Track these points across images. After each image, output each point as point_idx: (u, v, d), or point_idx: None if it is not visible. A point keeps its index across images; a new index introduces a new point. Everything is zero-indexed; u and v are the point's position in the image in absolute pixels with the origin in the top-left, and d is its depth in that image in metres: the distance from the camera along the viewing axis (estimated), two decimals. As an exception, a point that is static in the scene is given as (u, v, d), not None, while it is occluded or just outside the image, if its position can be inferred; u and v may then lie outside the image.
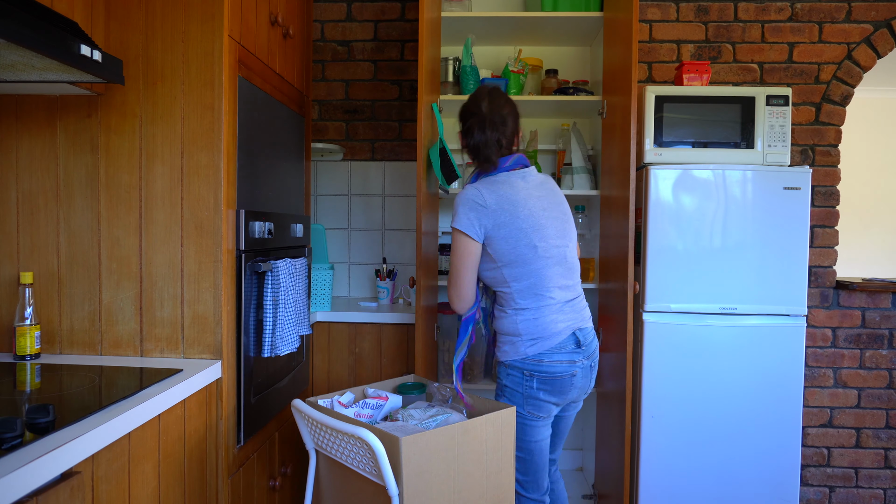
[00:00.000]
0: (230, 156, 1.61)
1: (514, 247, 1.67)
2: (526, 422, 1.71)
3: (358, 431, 1.33)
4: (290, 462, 2.15)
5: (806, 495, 2.77)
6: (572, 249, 1.78)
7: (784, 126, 2.28)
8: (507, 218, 1.67)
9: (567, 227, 1.77)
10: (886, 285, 2.65)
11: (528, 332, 1.68)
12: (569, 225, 1.79)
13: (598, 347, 1.82)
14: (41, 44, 1.13)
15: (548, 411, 1.70)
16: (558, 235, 1.73)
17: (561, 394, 1.69)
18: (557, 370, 1.67)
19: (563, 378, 1.68)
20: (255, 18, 1.79)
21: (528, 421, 1.70)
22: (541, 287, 1.69)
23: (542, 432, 1.72)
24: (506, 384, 1.74)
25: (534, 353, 1.67)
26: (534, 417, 1.70)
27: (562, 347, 1.68)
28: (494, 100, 1.76)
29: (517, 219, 1.67)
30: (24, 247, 1.60)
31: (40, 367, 1.47)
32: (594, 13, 2.49)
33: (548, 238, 1.70)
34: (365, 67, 2.92)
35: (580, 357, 1.70)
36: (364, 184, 2.95)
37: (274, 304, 1.75)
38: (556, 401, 1.70)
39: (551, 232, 1.71)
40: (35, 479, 0.92)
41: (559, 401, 1.71)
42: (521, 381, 1.70)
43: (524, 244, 1.67)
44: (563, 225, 1.75)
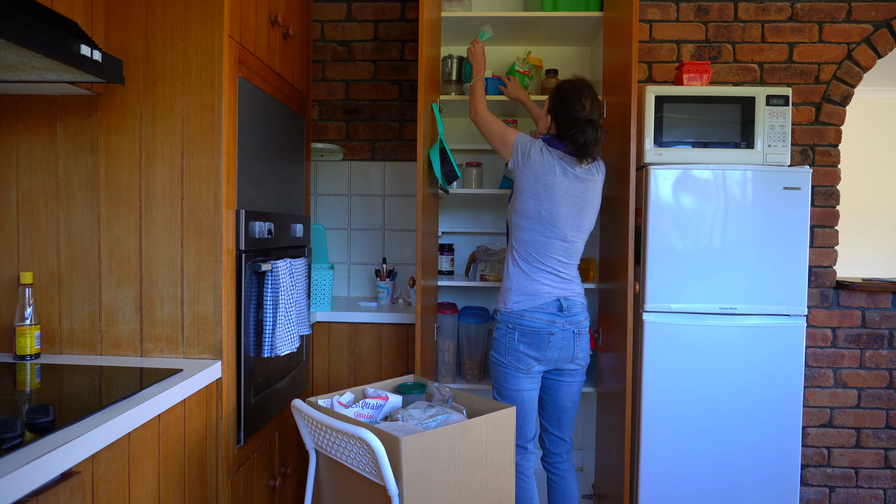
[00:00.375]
0: (230, 156, 1.61)
1: (526, 199, 1.94)
2: (508, 371, 1.95)
3: (358, 431, 1.33)
4: (290, 462, 2.15)
5: (806, 495, 2.77)
6: (576, 235, 1.97)
7: (784, 126, 2.28)
8: (531, 175, 1.93)
9: (582, 216, 1.96)
10: (886, 285, 2.65)
11: (519, 288, 1.94)
12: (585, 215, 1.97)
13: (588, 321, 2.01)
14: (41, 44, 1.13)
15: (527, 364, 1.92)
16: (569, 216, 1.94)
17: (539, 349, 1.91)
18: (536, 325, 1.90)
19: (541, 334, 1.90)
20: (255, 18, 1.79)
21: (510, 370, 1.95)
22: (538, 251, 1.94)
23: (522, 383, 1.94)
24: (495, 336, 2.00)
25: (518, 309, 1.92)
26: (514, 368, 1.94)
27: (544, 308, 1.91)
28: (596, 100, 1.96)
29: (538, 184, 1.92)
30: (24, 247, 1.60)
31: (40, 367, 1.47)
32: (594, 13, 2.49)
33: (558, 213, 1.92)
34: (365, 67, 2.92)
35: (560, 320, 1.92)
36: (364, 184, 2.95)
37: (274, 304, 1.75)
38: (535, 355, 1.92)
39: (564, 210, 1.93)
40: (35, 479, 0.92)
41: (539, 356, 1.92)
42: (506, 332, 1.95)
43: (533, 206, 1.93)
44: (578, 212, 1.95)
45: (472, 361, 2.64)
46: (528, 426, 1.97)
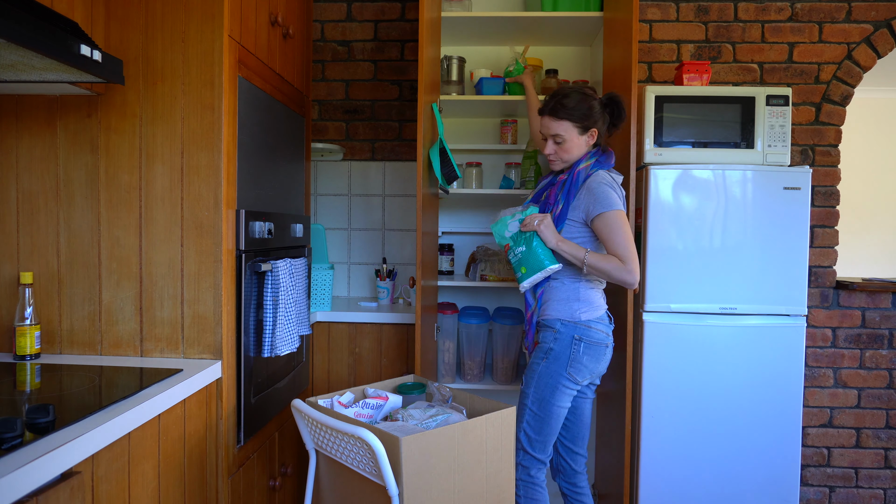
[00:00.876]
0: (230, 156, 1.61)
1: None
2: (561, 383, 1.86)
3: (358, 431, 1.33)
4: (290, 462, 2.15)
5: (806, 495, 2.77)
6: None
7: (784, 126, 2.28)
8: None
9: None
10: (886, 285, 2.65)
11: (587, 299, 1.88)
12: None
13: None
14: (41, 44, 1.13)
15: (584, 378, 1.88)
16: None
17: (597, 362, 1.87)
18: (601, 338, 1.86)
19: (602, 346, 1.87)
20: (255, 18, 1.79)
21: (566, 384, 1.86)
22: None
23: (565, 400, 1.88)
24: (552, 347, 1.87)
25: (586, 319, 1.86)
26: (571, 381, 1.86)
27: (603, 319, 1.89)
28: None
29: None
30: (24, 247, 1.60)
31: (40, 367, 1.47)
32: (594, 13, 2.49)
33: None
34: (365, 67, 2.92)
35: (611, 331, 1.91)
36: (364, 184, 2.95)
37: (274, 304, 1.75)
38: (592, 368, 1.87)
39: None
40: (35, 479, 0.92)
41: (594, 370, 1.88)
42: (570, 344, 1.85)
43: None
44: None
45: (473, 361, 2.64)
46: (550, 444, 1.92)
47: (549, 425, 1.88)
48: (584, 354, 1.85)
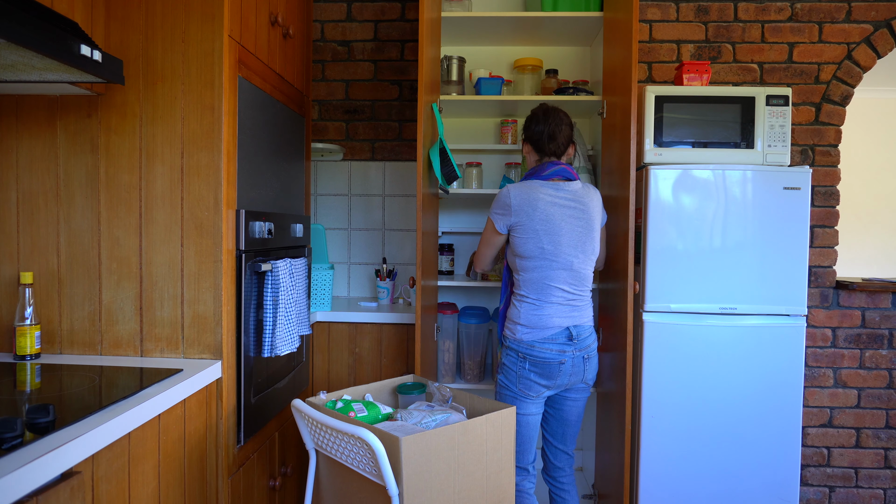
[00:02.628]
0: (230, 156, 1.61)
1: (525, 243, 1.93)
2: (517, 397, 1.95)
3: (358, 431, 1.33)
4: (290, 462, 2.15)
5: (806, 495, 2.77)
6: (583, 261, 1.96)
7: (784, 126, 2.28)
8: (524, 219, 1.92)
9: (584, 240, 1.95)
10: (886, 285, 2.65)
11: (527, 321, 1.93)
12: (587, 238, 1.96)
13: (596, 343, 2.02)
14: (41, 44, 1.13)
15: (537, 391, 1.93)
16: (570, 244, 1.93)
17: (549, 377, 1.92)
18: (547, 356, 1.90)
19: (551, 364, 1.90)
20: (255, 18, 1.79)
21: (519, 397, 1.95)
22: (544, 283, 1.93)
23: (529, 408, 1.95)
24: (503, 362, 1.99)
25: (528, 340, 1.91)
26: (523, 395, 1.94)
27: (553, 339, 1.91)
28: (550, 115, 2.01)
29: (532, 220, 1.92)
30: (24, 247, 1.60)
31: (40, 367, 1.47)
32: (594, 13, 2.49)
33: (560, 244, 1.91)
34: (365, 67, 2.92)
35: (570, 349, 1.92)
36: (364, 184, 2.95)
37: (274, 304, 1.75)
38: (545, 383, 1.92)
39: (565, 240, 1.92)
40: (35, 479, 0.92)
41: (548, 383, 1.93)
42: (516, 360, 1.94)
43: (533, 243, 1.92)
44: (579, 238, 1.94)
45: (472, 361, 2.64)
46: (529, 450, 1.98)
47: (521, 433, 1.95)
48: (531, 371, 1.91)
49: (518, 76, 2.74)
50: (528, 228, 1.92)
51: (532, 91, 2.74)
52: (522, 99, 2.54)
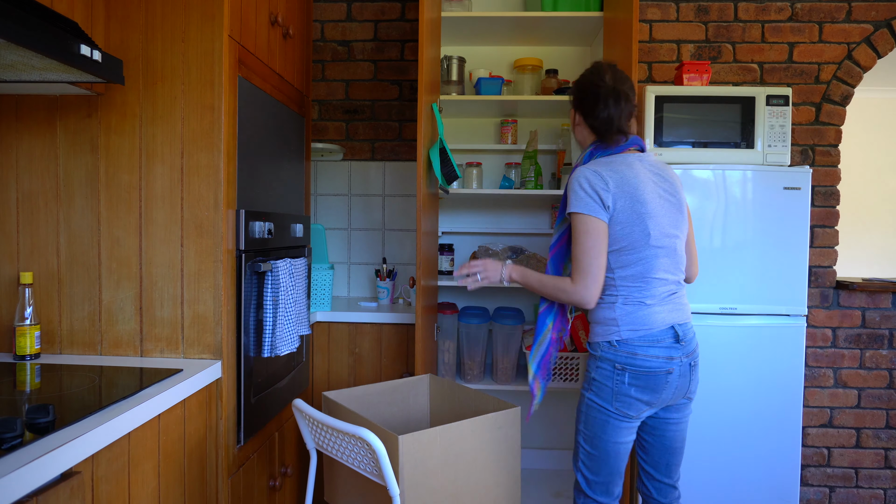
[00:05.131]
0: (230, 156, 1.61)
1: (629, 231, 1.57)
2: (611, 419, 1.59)
3: (358, 431, 1.33)
4: (290, 462, 2.15)
5: (806, 495, 2.77)
6: (683, 241, 1.67)
7: (784, 126, 2.28)
8: (626, 201, 1.57)
9: (681, 218, 1.66)
10: (886, 285, 2.65)
11: (627, 320, 1.58)
12: (683, 215, 1.67)
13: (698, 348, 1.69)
14: (41, 44, 1.13)
15: (637, 410, 1.58)
16: (671, 224, 1.63)
17: (654, 392, 1.57)
18: (652, 365, 1.55)
19: (657, 374, 1.56)
20: (255, 18, 1.79)
21: (614, 419, 1.59)
22: (647, 276, 1.59)
23: (625, 434, 1.61)
24: (594, 377, 1.62)
25: (629, 344, 1.57)
26: (621, 416, 1.59)
27: (658, 341, 1.57)
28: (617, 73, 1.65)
29: (636, 202, 1.57)
30: (24, 247, 1.60)
31: (40, 367, 1.47)
32: (594, 13, 2.49)
33: (662, 226, 1.60)
34: (365, 67, 2.92)
35: (679, 353, 1.58)
36: (364, 184, 2.95)
37: (274, 304, 1.75)
38: (647, 399, 1.57)
39: (665, 220, 1.61)
40: (35, 479, 0.92)
41: (652, 399, 1.58)
42: (612, 374, 1.58)
43: (639, 230, 1.57)
44: (677, 214, 1.65)
45: (473, 361, 2.64)
46: (616, 483, 1.66)
47: (609, 464, 1.62)
48: (632, 386, 1.57)
49: (518, 76, 2.74)
50: (631, 213, 1.56)
51: (532, 91, 2.74)
52: (522, 99, 2.54)
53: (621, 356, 1.57)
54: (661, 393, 1.57)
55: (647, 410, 1.60)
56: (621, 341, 1.57)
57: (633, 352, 1.56)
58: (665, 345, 1.57)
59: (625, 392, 1.57)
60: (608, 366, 1.59)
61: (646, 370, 1.55)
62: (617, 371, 1.57)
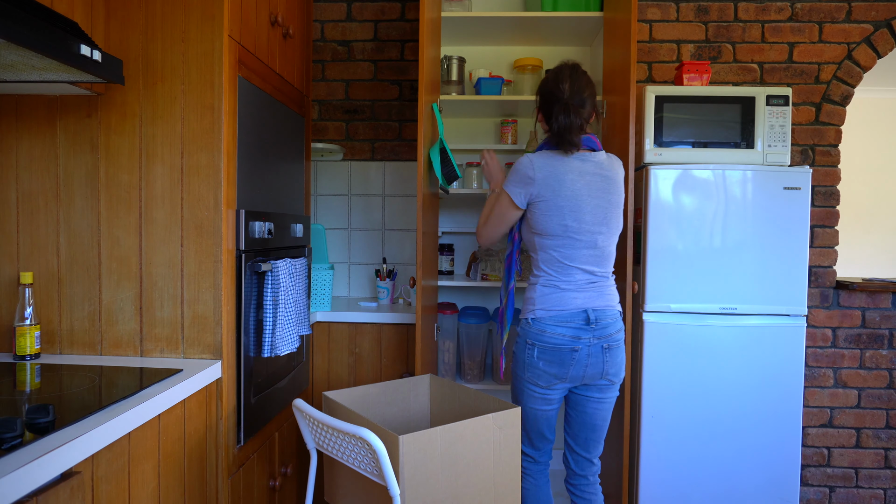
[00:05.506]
0: (230, 156, 1.61)
1: (546, 221, 1.76)
2: (525, 387, 1.80)
3: (359, 431, 1.33)
4: (290, 462, 2.15)
5: (806, 495, 2.77)
6: (607, 237, 1.80)
7: (784, 126, 2.28)
8: (549, 193, 1.75)
9: (609, 216, 1.79)
10: (886, 285, 2.65)
11: (542, 301, 1.77)
12: (612, 214, 1.80)
13: (623, 333, 1.82)
14: (41, 44, 1.13)
15: (547, 382, 1.76)
16: (595, 221, 1.77)
17: (561, 366, 1.74)
18: (558, 342, 1.73)
19: (562, 351, 1.73)
20: (255, 18, 1.79)
21: (527, 387, 1.80)
22: (563, 263, 1.77)
23: (540, 403, 1.80)
24: (514, 350, 1.83)
25: (540, 322, 1.75)
26: (532, 385, 1.78)
27: (568, 322, 1.74)
28: (576, 81, 1.77)
29: (558, 196, 1.75)
30: (24, 247, 1.60)
31: (40, 367, 1.47)
32: (594, 13, 2.49)
33: (583, 221, 1.76)
34: (365, 67, 2.92)
35: (587, 335, 1.73)
36: (364, 184, 2.95)
37: (274, 304, 1.75)
38: (555, 372, 1.75)
39: (588, 217, 1.76)
40: (35, 479, 0.92)
41: (560, 373, 1.75)
42: (524, 348, 1.78)
43: (556, 221, 1.75)
44: (604, 213, 1.79)
45: (473, 361, 2.64)
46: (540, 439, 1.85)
47: (528, 424, 1.84)
48: (539, 360, 1.74)
49: (518, 76, 2.74)
50: (551, 204, 1.74)
51: (532, 91, 2.74)
52: (522, 99, 2.54)
53: (532, 333, 1.76)
54: (568, 368, 1.74)
55: (558, 384, 1.77)
56: (535, 319, 1.77)
57: (542, 329, 1.74)
58: (574, 325, 1.74)
59: (534, 364, 1.76)
60: (522, 341, 1.80)
61: (552, 346, 1.73)
62: (528, 346, 1.77)
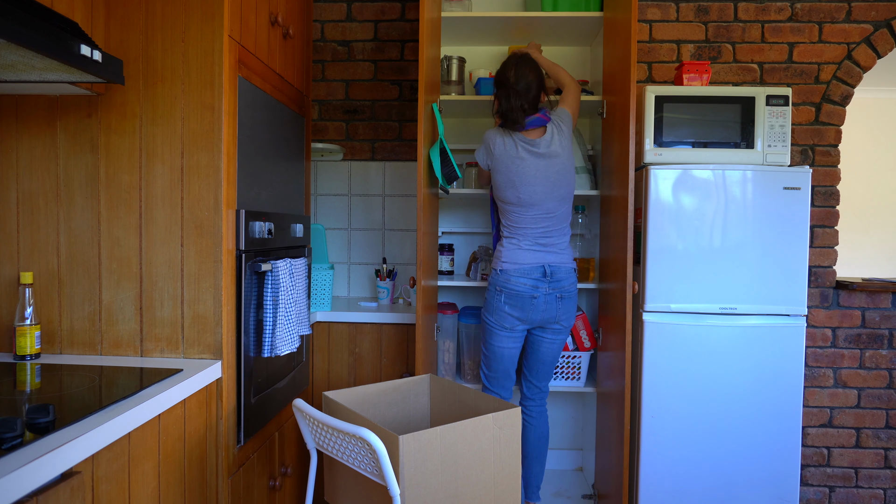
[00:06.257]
0: (230, 156, 1.61)
1: (504, 190, 2.18)
2: (492, 329, 2.20)
3: (359, 431, 1.33)
4: (290, 462, 2.15)
5: (806, 495, 2.77)
6: (559, 204, 2.17)
7: (784, 126, 2.28)
8: (502, 167, 2.18)
9: (559, 185, 2.16)
10: (886, 285, 2.65)
11: (506, 256, 2.17)
12: (563, 183, 2.17)
13: (575, 286, 2.22)
14: (41, 44, 1.13)
15: (511, 324, 2.15)
16: (545, 192, 2.14)
17: (522, 310, 2.13)
18: (519, 289, 2.12)
19: (523, 297, 2.12)
20: (255, 18, 1.79)
21: (493, 328, 2.20)
22: (520, 225, 2.17)
23: (505, 342, 2.20)
24: (487, 297, 2.23)
25: (506, 273, 2.14)
26: (498, 326, 2.18)
27: (527, 273, 2.12)
28: (520, 69, 2.15)
29: (509, 172, 2.16)
30: (24, 247, 1.61)
31: (40, 367, 1.47)
32: (594, 13, 2.49)
33: (533, 193, 2.13)
34: (365, 67, 2.92)
35: (544, 285, 2.13)
36: (364, 184, 2.95)
37: (274, 304, 1.75)
38: (518, 315, 2.14)
39: (539, 188, 2.13)
40: (35, 479, 0.92)
41: (522, 316, 2.15)
42: (494, 294, 2.17)
43: (510, 191, 2.16)
44: (552, 185, 2.15)
45: (473, 361, 2.64)
46: (506, 378, 2.26)
47: (497, 362, 2.22)
48: (506, 304, 2.13)
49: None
50: (505, 178, 2.16)
51: (532, 91, 2.73)
52: (522, 99, 2.54)
53: (500, 281, 2.15)
54: (528, 312, 2.13)
55: (520, 325, 2.16)
56: (502, 271, 2.15)
57: (507, 279, 2.13)
58: (533, 277, 2.12)
59: (501, 308, 2.15)
60: (493, 288, 2.18)
61: (515, 293, 2.13)
62: (497, 292, 2.16)
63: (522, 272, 2.12)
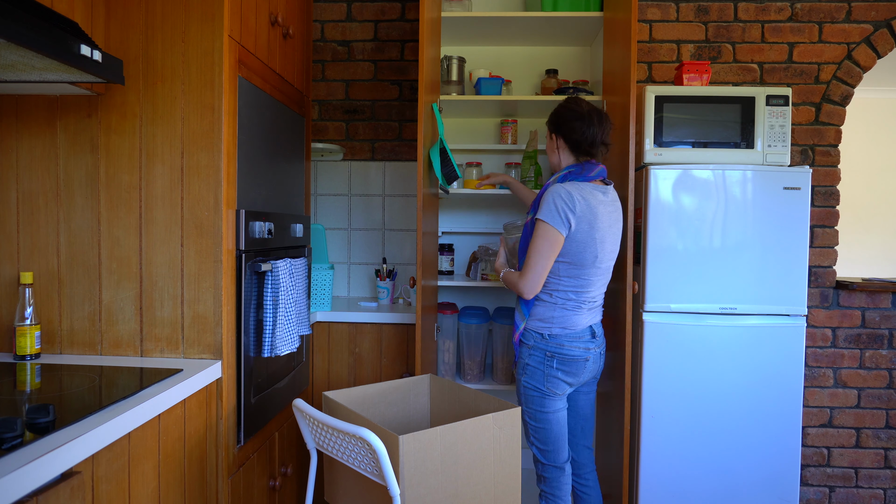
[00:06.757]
0: (230, 156, 1.61)
1: (581, 251, 1.86)
2: (545, 396, 1.94)
3: (359, 431, 1.33)
4: (290, 462, 2.15)
5: (806, 495, 2.77)
6: (612, 261, 1.97)
7: (784, 126, 2.28)
8: (585, 226, 1.84)
9: (617, 243, 1.97)
10: (886, 285, 2.65)
11: (560, 320, 1.92)
12: (619, 240, 1.98)
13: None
14: (41, 44, 1.13)
15: (563, 389, 1.94)
16: (612, 250, 1.94)
17: (575, 375, 1.93)
18: (575, 354, 1.92)
19: (578, 361, 1.92)
20: (255, 18, 1.79)
21: (544, 396, 1.94)
22: (585, 289, 1.92)
23: (556, 404, 1.95)
24: (528, 363, 1.96)
25: (558, 338, 1.92)
26: (550, 393, 1.93)
27: (580, 337, 1.93)
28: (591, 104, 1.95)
29: (593, 229, 1.85)
30: (24, 247, 1.61)
31: (40, 367, 1.47)
32: (594, 13, 2.49)
33: (605, 251, 1.90)
34: (365, 67, 2.92)
35: (594, 346, 1.95)
36: (364, 184, 2.95)
37: (274, 304, 1.75)
38: (570, 380, 1.94)
39: (609, 247, 1.92)
40: (35, 479, 0.92)
41: (573, 381, 1.94)
42: (543, 360, 1.93)
43: (590, 252, 1.87)
44: (615, 241, 1.95)
45: (472, 361, 2.64)
46: (563, 447, 1.96)
47: (552, 431, 1.95)
48: (559, 370, 1.92)
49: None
50: (588, 237, 1.84)
51: (532, 91, 2.74)
52: (522, 99, 2.54)
53: (551, 346, 1.92)
54: (579, 375, 1.94)
55: (569, 389, 1.96)
56: (552, 335, 1.92)
57: (561, 343, 1.92)
58: (584, 340, 1.94)
59: (552, 374, 1.92)
60: (538, 353, 1.94)
61: (570, 358, 1.92)
62: (547, 357, 1.93)
63: (575, 336, 1.91)
